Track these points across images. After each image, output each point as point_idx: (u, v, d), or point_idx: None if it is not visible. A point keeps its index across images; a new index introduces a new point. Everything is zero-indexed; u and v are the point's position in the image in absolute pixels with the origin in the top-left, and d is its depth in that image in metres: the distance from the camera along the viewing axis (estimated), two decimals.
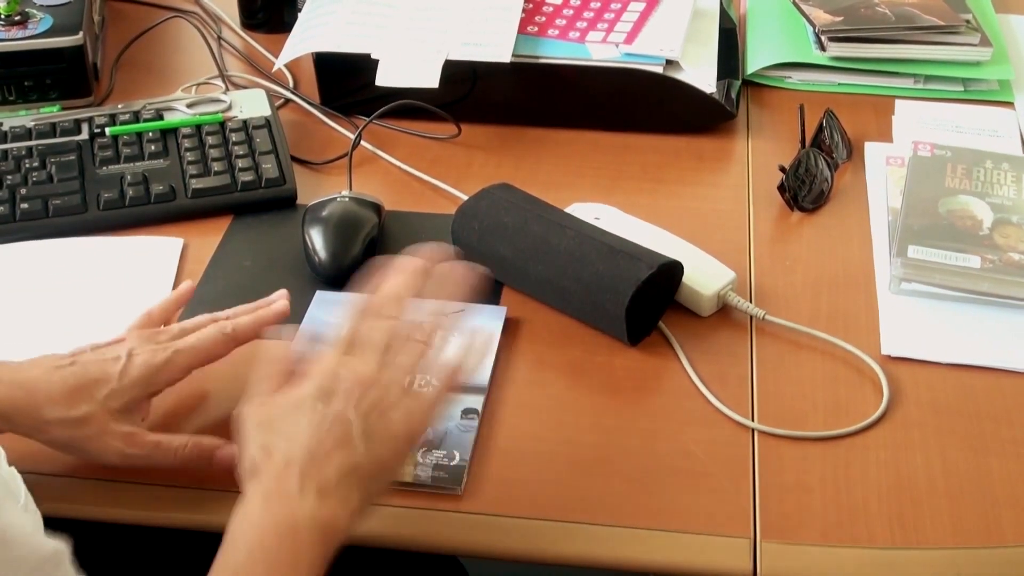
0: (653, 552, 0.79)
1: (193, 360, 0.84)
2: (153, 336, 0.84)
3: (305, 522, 0.67)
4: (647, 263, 0.92)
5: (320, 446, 0.69)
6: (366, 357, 0.73)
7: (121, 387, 0.80)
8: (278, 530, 0.67)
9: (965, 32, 1.27)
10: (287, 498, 0.68)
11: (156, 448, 0.80)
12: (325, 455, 0.69)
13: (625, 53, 1.19)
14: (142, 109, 1.17)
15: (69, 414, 0.78)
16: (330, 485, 0.68)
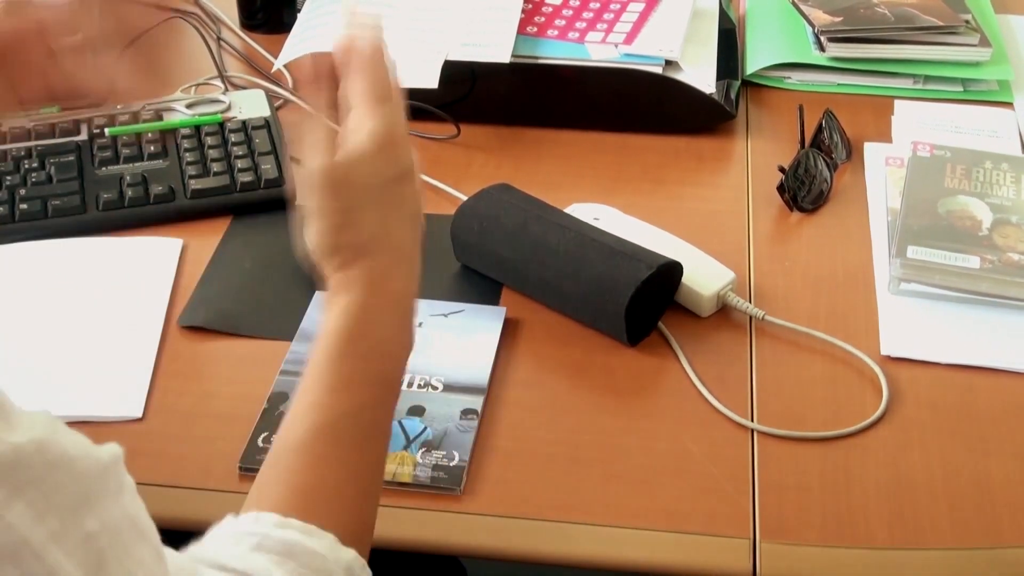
0: (652, 552, 0.79)
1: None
2: None
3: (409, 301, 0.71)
4: (646, 263, 0.92)
5: (402, 225, 0.72)
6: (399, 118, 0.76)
7: None
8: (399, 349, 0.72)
9: (964, 32, 1.27)
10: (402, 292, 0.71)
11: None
12: (408, 237, 0.72)
13: (624, 53, 1.19)
14: (141, 110, 1.17)
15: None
16: (415, 262, 0.72)
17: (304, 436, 0.66)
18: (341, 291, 0.70)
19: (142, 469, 0.83)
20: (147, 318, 0.97)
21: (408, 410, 0.88)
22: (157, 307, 0.98)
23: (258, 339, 0.96)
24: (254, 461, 0.84)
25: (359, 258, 0.70)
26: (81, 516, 0.51)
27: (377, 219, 0.70)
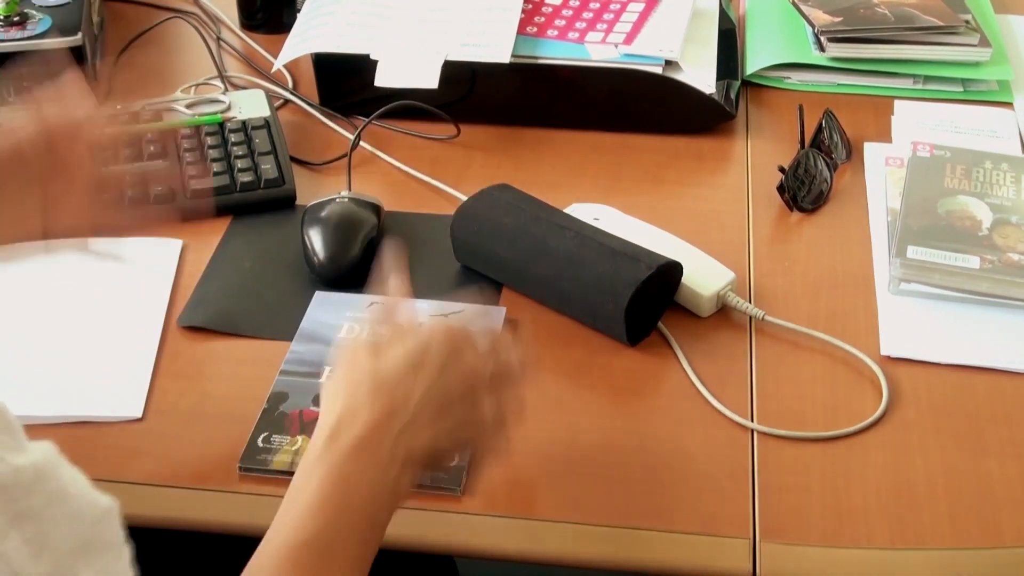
0: (652, 552, 0.79)
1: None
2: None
3: (387, 489, 0.68)
4: (646, 264, 0.92)
5: (422, 416, 0.70)
6: (490, 347, 0.74)
7: None
8: (363, 488, 0.67)
9: (964, 33, 1.27)
10: (378, 458, 0.68)
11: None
12: (423, 427, 0.70)
13: (624, 54, 1.19)
14: (141, 110, 1.17)
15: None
16: (415, 459, 0.69)
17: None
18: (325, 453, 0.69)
19: (142, 469, 0.83)
20: (147, 318, 0.97)
21: None
22: (157, 307, 0.98)
23: (258, 339, 0.96)
24: (254, 461, 0.84)
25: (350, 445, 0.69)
26: (76, 563, 0.49)
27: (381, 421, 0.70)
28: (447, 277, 1.01)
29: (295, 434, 0.86)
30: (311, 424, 0.86)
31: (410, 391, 0.70)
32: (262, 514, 0.81)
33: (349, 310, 0.97)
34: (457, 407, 0.72)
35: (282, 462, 0.84)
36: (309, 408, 0.88)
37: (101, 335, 0.96)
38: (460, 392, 0.72)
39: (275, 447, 0.85)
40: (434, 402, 0.70)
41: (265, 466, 0.84)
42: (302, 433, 0.86)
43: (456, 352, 0.72)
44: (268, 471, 0.83)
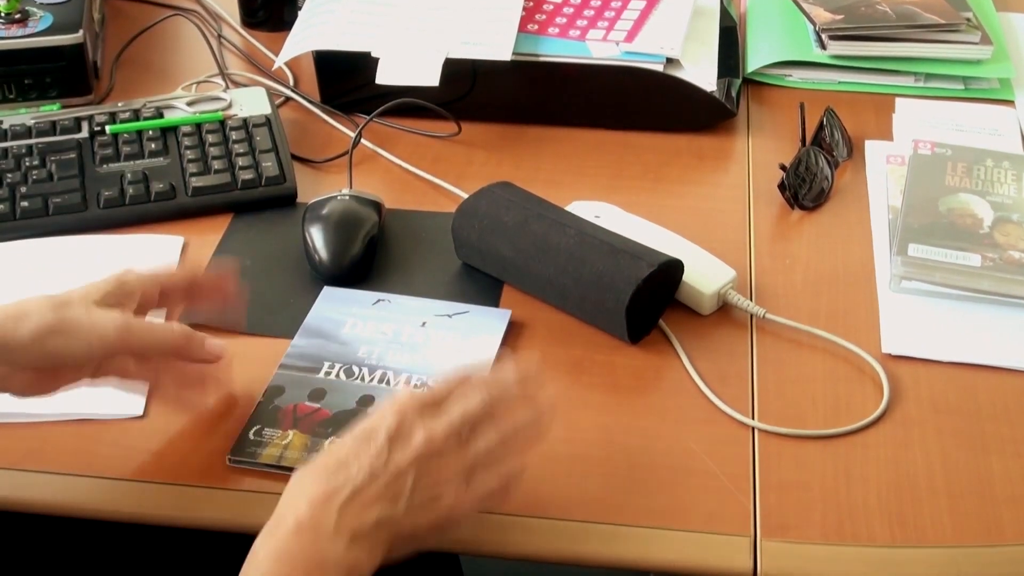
0: (653, 550, 0.79)
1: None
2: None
3: (332, 562, 0.67)
4: (647, 261, 0.92)
5: (368, 491, 0.69)
6: (451, 423, 0.73)
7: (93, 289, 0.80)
8: (305, 566, 0.67)
9: (966, 30, 1.27)
10: (320, 533, 0.68)
11: (151, 325, 0.80)
12: (369, 502, 0.69)
13: (625, 51, 1.19)
14: (142, 107, 1.17)
15: (50, 298, 0.78)
16: (364, 532, 0.69)
17: None
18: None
19: (143, 467, 0.83)
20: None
21: None
22: None
23: (259, 336, 0.96)
24: (243, 454, 0.84)
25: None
26: None
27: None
28: (448, 275, 1.01)
29: (287, 428, 0.86)
30: (304, 419, 0.87)
31: (352, 474, 0.70)
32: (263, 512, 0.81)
33: (354, 306, 0.97)
34: (416, 487, 0.71)
35: (271, 455, 0.84)
36: (303, 403, 0.88)
37: None
38: (413, 471, 0.71)
39: (265, 440, 0.85)
40: (382, 484, 0.70)
41: (254, 459, 0.84)
42: (294, 427, 0.86)
43: (403, 435, 0.71)
44: (256, 464, 0.84)
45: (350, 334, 0.94)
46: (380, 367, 0.91)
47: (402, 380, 0.90)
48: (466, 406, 0.74)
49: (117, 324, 0.78)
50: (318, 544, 0.67)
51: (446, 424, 0.73)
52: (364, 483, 0.70)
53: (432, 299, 0.98)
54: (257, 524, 0.81)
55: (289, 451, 0.84)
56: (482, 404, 0.74)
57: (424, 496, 0.71)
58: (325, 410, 0.88)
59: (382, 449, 0.71)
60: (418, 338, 0.94)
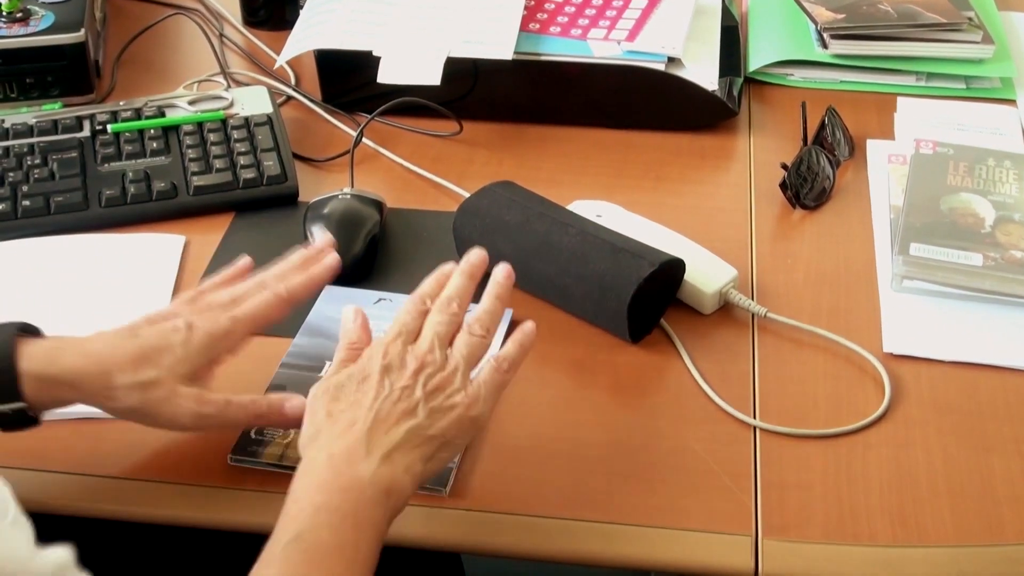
0: (654, 549, 0.79)
1: (252, 327, 0.83)
2: (207, 305, 0.84)
3: (369, 481, 0.70)
4: (649, 261, 0.92)
5: (386, 413, 0.73)
6: (432, 344, 0.77)
7: (186, 355, 0.80)
8: (342, 488, 0.69)
9: (967, 30, 1.27)
10: (352, 458, 0.70)
11: (228, 405, 0.80)
12: (391, 421, 0.73)
13: (627, 51, 1.19)
14: (144, 106, 1.17)
15: (137, 378, 0.78)
16: (394, 450, 0.72)
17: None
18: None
19: (144, 467, 0.83)
20: None
21: None
22: (159, 304, 0.98)
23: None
24: (244, 452, 0.84)
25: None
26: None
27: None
28: None
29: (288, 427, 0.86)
30: None
31: (364, 406, 0.73)
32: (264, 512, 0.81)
33: (356, 305, 0.97)
34: (427, 396, 0.75)
35: (272, 455, 0.84)
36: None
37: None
38: (419, 384, 0.75)
39: (267, 439, 0.85)
40: (395, 404, 0.74)
41: (256, 457, 0.84)
42: (295, 426, 0.86)
43: (394, 365, 0.76)
44: (258, 463, 0.84)
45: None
46: None
47: None
48: (434, 326, 0.78)
49: (194, 416, 0.79)
50: (353, 468, 0.70)
51: (427, 343, 0.77)
52: (380, 412, 0.73)
53: None
54: (258, 523, 0.81)
55: (291, 450, 0.84)
56: (453, 320, 0.79)
57: (436, 403, 0.74)
58: None
59: (380, 382, 0.74)
60: None
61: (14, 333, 0.79)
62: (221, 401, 0.80)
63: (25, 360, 0.78)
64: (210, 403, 0.79)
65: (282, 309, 0.85)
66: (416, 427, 0.73)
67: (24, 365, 0.78)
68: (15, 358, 0.77)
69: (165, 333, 0.80)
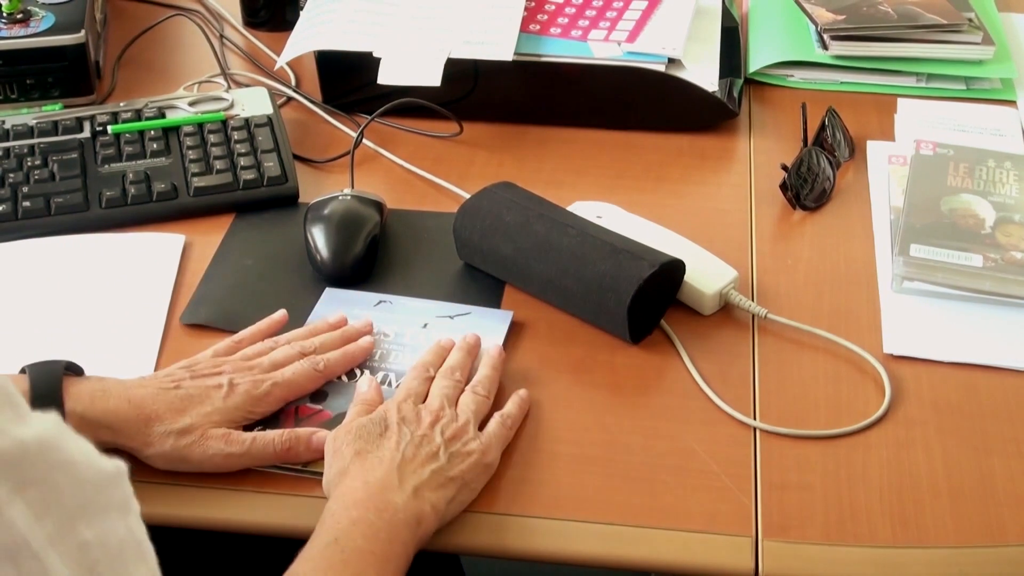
0: (654, 550, 0.79)
1: (288, 394, 0.87)
2: (249, 368, 0.87)
3: (401, 507, 0.75)
4: (649, 262, 0.92)
5: (411, 455, 0.79)
6: (442, 403, 0.84)
7: (224, 408, 0.84)
8: (377, 508, 0.74)
9: (967, 31, 1.27)
10: (387, 487, 0.76)
11: (254, 442, 0.83)
12: (418, 462, 0.79)
13: (627, 52, 1.19)
14: (144, 107, 1.17)
15: (173, 426, 0.81)
16: (422, 486, 0.77)
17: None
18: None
19: (143, 466, 0.83)
20: (149, 316, 0.97)
21: None
22: (159, 305, 0.98)
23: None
24: None
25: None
26: (77, 523, 0.51)
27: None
28: (449, 275, 1.01)
29: (289, 428, 0.86)
30: (305, 420, 0.87)
31: (388, 450, 0.79)
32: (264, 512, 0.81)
33: (356, 307, 0.97)
34: (445, 443, 0.81)
35: None
36: (305, 404, 0.88)
37: (103, 332, 0.96)
38: (436, 431, 0.81)
39: None
40: (417, 449, 0.80)
41: None
42: (296, 428, 0.86)
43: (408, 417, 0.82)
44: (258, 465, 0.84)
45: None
46: (381, 368, 0.92)
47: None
48: (442, 389, 0.86)
49: (223, 455, 0.82)
50: (386, 494, 0.75)
51: (437, 401, 0.84)
52: (406, 453, 0.79)
53: (434, 300, 0.98)
54: (258, 523, 0.81)
55: None
56: (457, 385, 0.87)
57: (455, 449, 0.80)
58: (327, 411, 0.88)
59: (400, 430, 0.80)
60: (420, 340, 0.94)
61: (61, 372, 0.82)
62: (247, 438, 0.83)
63: (71, 400, 0.81)
64: (236, 442, 0.82)
65: (318, 382, 0.89)
66: (439, 468, 0.79)
67: (69, 405, 0.81)
68: (63, 398, 0.81)
69: (209, 388, 0.85)
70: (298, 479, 0.83)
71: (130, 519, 0.55)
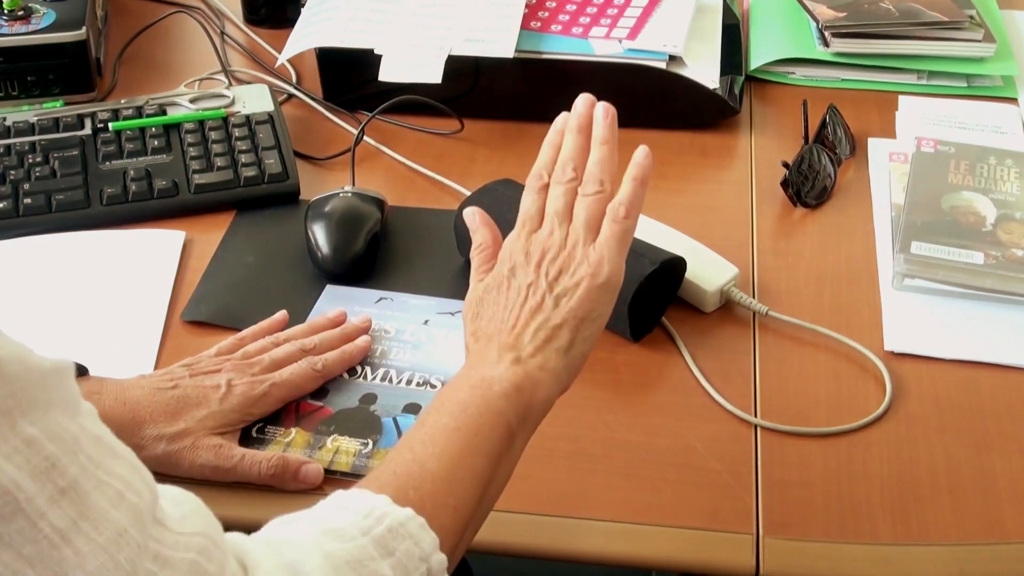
0: (656, 548, 0.79)
1: (287, 394, 0.87)
2: (248, 367, 0.87)
3: (497, 378, 0.72)
4: (650, 259, 0.92)
5: (516, 319, 0.75)
6: (552, 226, 0.78)
7: (220, 411, 0.83)
8: (471, 385, 0.72)
9: (969, 28, 1.27)
10: (484, 365, 0.74)
11: (242, 460, 0.82)
12: (522, 326, 0.75)
13: (628, 49, 1.19)
14: (145, 104, 1.17)
15: (167, 430, 0.81)
16: (526, 353, 0.74)
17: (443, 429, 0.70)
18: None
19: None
20: (149, 313, 0.97)
21: (404, 407, 0.88)
22: (159, 301, 0.98)
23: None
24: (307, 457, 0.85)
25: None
26: (14, 420, 0.48)
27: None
28: (450, 272, 1.01)
29: (289, 426, 0.86)
30: (306, 416, 0.87)
31: (495, 314, 0.76)
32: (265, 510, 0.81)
33: (357, 304, 0.97)
34: (547, 279, 0.76)
35: (273, 453, 0.84)
36: (306, 401, 0.88)
37: (103, 329, 0.96)
38: (539, 269, 0.77)
39: (268, 437, 0.85)
40: (520, 299, 0.76)
41: None
42: (296, 425, 0.86)
43: (517, 253, 0.78)
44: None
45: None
46: (383, 365, 0.92)
47: (404, 378, 0.90)
48: (553, 203, 0.80)
49: (212, 468, 0.82)
50: (482, 370, 0.73)
51: (547, 227, 0.79)
52: (510, 316, 0.75)
53: (434, 297, 0.98)
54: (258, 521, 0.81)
55: (291, 449, 0.84)
56: (568, 189, 0.80)
57: (561, 287, 0.76)
58: (328, 408, 0.88)
59: (508, 287, 0.77)
60: (421, 336, 0.94)
61: None
62: (237, 455, 0.82)
63: None
64: (226, 457, 0.82)
65: (316, 382, 0.89)
66: (544, 321, 0.75)
67: None
68: None
69: (206, 389, 0.84)
70: None
71: (81, 419, 0.52)
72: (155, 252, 1.03)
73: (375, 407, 0.88)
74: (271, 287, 1.00)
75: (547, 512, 0.81)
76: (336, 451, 0.84)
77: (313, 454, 0.84)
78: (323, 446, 0.85)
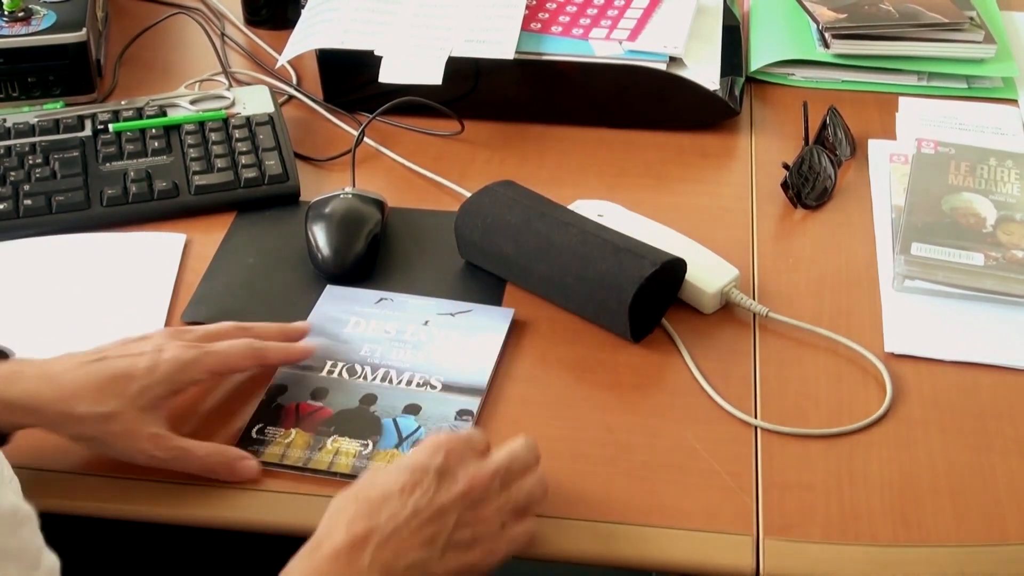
0: (655, 549, 0.79)
1: (220, 365, 0.85)
2: (180, 334, 0.85)
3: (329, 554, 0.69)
4: (650, 260, 0.92)
5: (407, 530, 0.71)
6: (496, 467, 0.75)
7: (149, 383, 0.81)
8: (306, 550, 0.69)
9: (969, 29, 1.27)
10: (353, 568, 0.69)
11: (181, 452, 0.81)
12: (406, 544, 0.70)
13: (628, 50, 1.19)
14: (145, 105, 1.17)
15: (97, 409, 0.79)
16: (395, 574, 0.70)
17: None
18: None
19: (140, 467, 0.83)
20: (150, 314, 0.97)
21: (404, 408, 0.88)
22: (160, 303, 0.98)
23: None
24: (246, 451, 0.84)
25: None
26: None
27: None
28: (451, 273, 1.01)
29: (289, 427, 0.86)
30: (306, 417, 0.87)
31: (396, 511, 0.71)
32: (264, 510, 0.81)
33: (357, 305, 0.97)
34: (456, 528, 0.72)
35: (273, 454, 0.84)
36: (306, 401, 0.88)
37: (104, 330, 0.96)
38: (457, 511, 0.72)
39: (268, 439, 0.85)
40: (424, 523, 0.71)
41: (256, 457, 0.84)
42: (296, 426, 0.86)
43: (450, 473, 0.73)
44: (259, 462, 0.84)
45: (353, 333, 0.94)
46: (383, 366, 0.92)
47: (404, 379, 0.90)
48: (512, 452, 0.77)
49: (148, 457, 0.80)
50: (350, 569, 0.69)
51: (492, 467, 0.75)
52: (405, 521, 0.71)
53: (435, 298, 0.98)
54: (259, 521, 0.81)
55: (291, 450, 0.84)
56: (527, 451, 0.77)
57: (462, 538, 0.72)
58: (328, 409, 0.88)
59: (429, 486, 0.72)
60: (421, 337, 0.94)
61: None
62: (176, 447, 0.81)
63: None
64: (164, 448, 0.81)
65: (251, 360, 0.87)
66: (425, 562, 0.71)
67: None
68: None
69: (132, 358, 0.81)
70: (300, 477, 0.83)
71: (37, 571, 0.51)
72: (156, 254, 1.03)
73: (375, 408, 0.88)
74: (271, 288, 1.00)
75: (546, 513, 0.81)
76: (336, 452, 0.84)
77: (313, 455, 0.84)
78: (323, 447, 0.84)
